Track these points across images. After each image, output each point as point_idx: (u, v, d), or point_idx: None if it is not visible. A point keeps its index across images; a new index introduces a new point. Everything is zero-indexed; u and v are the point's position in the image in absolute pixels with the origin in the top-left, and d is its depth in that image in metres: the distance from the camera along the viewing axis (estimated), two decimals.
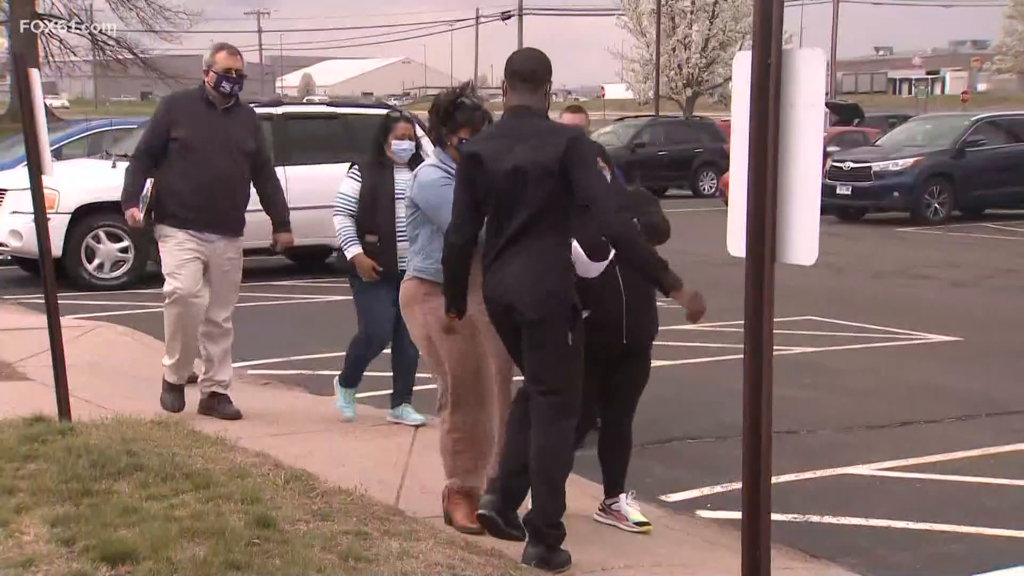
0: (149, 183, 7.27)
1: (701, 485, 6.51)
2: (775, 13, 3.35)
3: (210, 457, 6.02)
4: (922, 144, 23.06)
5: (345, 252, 7.38)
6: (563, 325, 4.96)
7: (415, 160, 7.14)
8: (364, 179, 7.28)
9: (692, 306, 4.86)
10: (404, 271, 5.90)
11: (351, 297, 7.61)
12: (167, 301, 7.29)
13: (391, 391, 7.58)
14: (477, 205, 5.08)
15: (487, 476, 5.53)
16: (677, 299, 4.86)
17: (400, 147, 7.26)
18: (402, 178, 7.07)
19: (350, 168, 7.46)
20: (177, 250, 7.22)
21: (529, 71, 5.09)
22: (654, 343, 5.82)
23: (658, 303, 5.71)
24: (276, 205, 7.68)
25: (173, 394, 7.49)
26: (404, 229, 6.08)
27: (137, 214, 7.26)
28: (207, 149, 7.23)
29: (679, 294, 4.82)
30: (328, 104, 16.59)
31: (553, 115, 5.36)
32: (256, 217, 7.63)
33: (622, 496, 5.73)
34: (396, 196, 7.16)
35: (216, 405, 7.48)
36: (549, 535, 4.99)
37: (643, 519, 5.67)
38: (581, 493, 6.04)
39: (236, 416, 7.38)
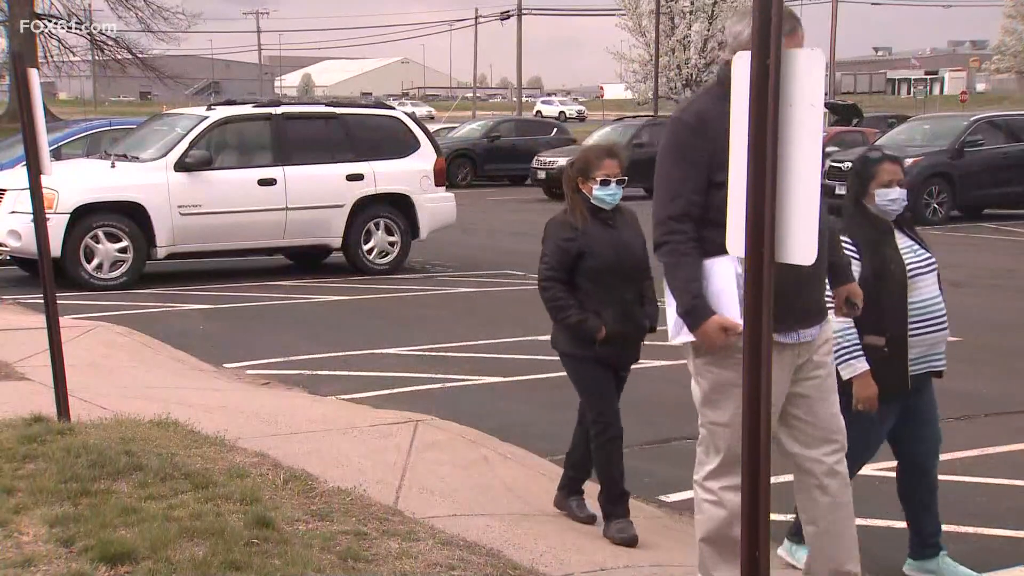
0: (731, 263, 4.19)
1: None
2: (774, 13, 3.35)
3: (209, 457, 6.02)
4: (921, 144, 23.06)
5: (840, 369, 4.87)
6: None
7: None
8: (864, 252, 4.99)
9: None
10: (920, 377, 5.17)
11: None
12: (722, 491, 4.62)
13: (912, 541, 5.52)
14: None
15: None
16: None
17: (888, 197, 5.07)
18: (902, 243, 5.15)
19: None
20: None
21: None
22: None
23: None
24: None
25: None
26: (922, 321, 5.12)
27: (732, 324, 4.21)
28: None
29: None
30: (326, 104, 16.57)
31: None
32: (256, 217, 7.37)
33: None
34: (913, 272, 5.10)
35: None
36: None
37: None
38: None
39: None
